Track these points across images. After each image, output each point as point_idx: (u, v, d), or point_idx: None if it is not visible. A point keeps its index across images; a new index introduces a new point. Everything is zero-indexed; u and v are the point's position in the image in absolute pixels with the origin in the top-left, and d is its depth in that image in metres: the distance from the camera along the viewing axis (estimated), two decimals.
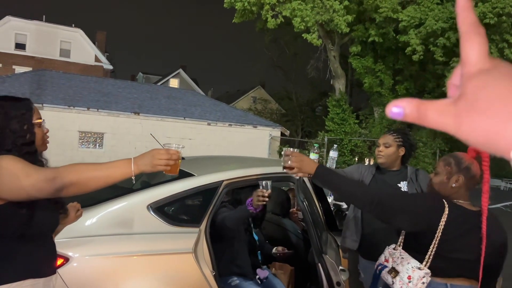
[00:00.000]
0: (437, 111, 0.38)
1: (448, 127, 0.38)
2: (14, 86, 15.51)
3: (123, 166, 1.44)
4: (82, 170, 1.40)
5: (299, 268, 3.25)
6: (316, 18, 17.46)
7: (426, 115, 0.38)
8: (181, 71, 36.37)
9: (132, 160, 1.45)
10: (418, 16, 17.18)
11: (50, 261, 1.59)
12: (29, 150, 1.54)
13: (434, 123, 0.38)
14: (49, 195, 1.38)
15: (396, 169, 2.61)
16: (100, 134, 16.05)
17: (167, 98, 18.89)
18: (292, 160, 1.82)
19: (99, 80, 19.44)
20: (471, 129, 0.36)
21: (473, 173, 1.82)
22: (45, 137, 1.64)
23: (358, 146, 19.43)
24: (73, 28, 28.81)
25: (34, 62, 26.49)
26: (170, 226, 2.27)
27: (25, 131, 1.53)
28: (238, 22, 20.03)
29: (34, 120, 1.58)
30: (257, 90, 36.63)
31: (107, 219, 2.16)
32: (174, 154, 1.51)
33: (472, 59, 0.37)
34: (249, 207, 2.42)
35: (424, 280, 1.76)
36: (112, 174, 1.43)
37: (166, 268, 2.19)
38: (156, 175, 3.12)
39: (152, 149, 1.50)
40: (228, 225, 2.47)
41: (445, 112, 0.38)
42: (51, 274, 1.57)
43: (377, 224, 2.38)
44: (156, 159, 1.46)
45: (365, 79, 20.83)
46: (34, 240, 1.50)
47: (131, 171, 1.44)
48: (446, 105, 0.38)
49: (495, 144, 0.35)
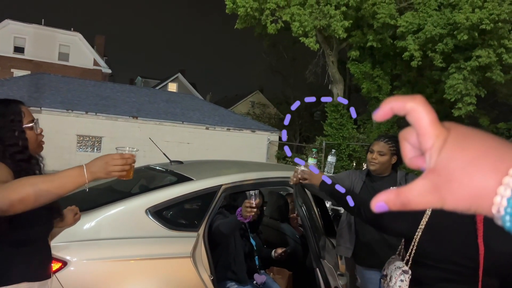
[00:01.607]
0: (418, 195, 0.40)
1: (434, 204, 0.39)
2: (12, 90, 15.49)
3: (75, 174, 1.34)
4: (29, 185, 1.28)
5: (297, 273, 3.24)
6: (314, 23, 17.54)
7: (409, 202, 0.40)
8: (180, 75, 36.40)
9: (85, 167, 1.36)
10: (416, 22, 17.26)
11: (45, 265, 1.58)
12: (23, 157, 1.49)
13: (420, 205, 0.40)
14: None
15: (387, 174, 2.62)
16: (98, 138, 16.03)
17: (166, 102, 18.90)
18: (304, 176, 2.19)
19: (98, 84, 19.44)
20: (455, 200, 0.38)
21: None
22: (39, 138, 1.58)
23: (356, 151, 19.46)
24: (72, 32, 28.85)
25: (33, 66, 26.48)
26: (168, 230, 2.26)
27: (16, 138, 1.48)
28: (240, 28, 20.09)
29: (25, 124, 1.53)
30: (256, 94, 36.68)
31: (106, 223, 2.16)
32: (129, 159, 1.42)
33: (426, 128, 0.39)
34: (238, 217, 2.42)
35: (402, 278, 1.75)
36: (64, 184, 1.32)
37: (164, 273, 2.18)
38: (154, 180, 3.12)
39: (105, 154, 1.41)
40: (223, 232, 2.48)
41: (425, 193, 0.39)
42: (46, 278, 1.57)
43: (371, 230, 2.38)
44: (110, 165, 1.37)
45: (363, 85, 20.89)
46: (28, 245, 1.49)
47: (85, 179, 1.35)
48: (423, 186, 0.39)
49: (480, 206, 0.37)
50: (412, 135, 0.42)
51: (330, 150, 3.96)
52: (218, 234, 2.46)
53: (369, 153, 2.62)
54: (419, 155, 0.42)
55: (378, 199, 0.42)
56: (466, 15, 15.67)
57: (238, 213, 2.42)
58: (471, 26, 15.71)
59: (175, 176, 2.74)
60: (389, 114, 0.43)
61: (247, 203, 2.35)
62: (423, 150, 0.40)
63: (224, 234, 2.48)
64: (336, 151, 19.09)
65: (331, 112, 19.99)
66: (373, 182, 2.63)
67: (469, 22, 15.56)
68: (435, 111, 0.41)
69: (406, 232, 1.80)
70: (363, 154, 19.41)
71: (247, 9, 18.41)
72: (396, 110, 0.42)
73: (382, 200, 0.41)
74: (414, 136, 0.41)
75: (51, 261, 1.64)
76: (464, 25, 15.74)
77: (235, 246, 2.71)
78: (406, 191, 0.40)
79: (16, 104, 1.54)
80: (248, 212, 2.35)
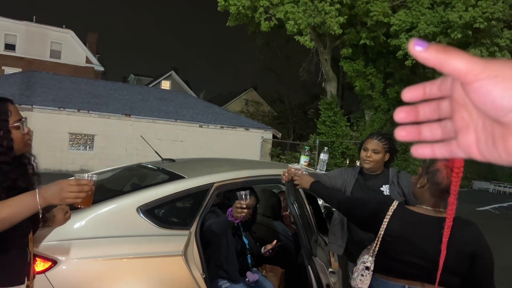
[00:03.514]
0: (464, 61, 0.37)
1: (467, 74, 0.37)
2: (3, 87, 15.32)
3: (27, 200, 1.31)
4: None
5: (289, 270, 3.25)
6: (308, 20, 17.54)
7: (448, 60, 0.38)
8: (173, 73, 36.26)
9: (37, 192, 1.32)
10: (410, 20, 17.34)
11: (19, 271, 1.52)
12: (5, 159, 1.44)
13: (454, 71, 0.38)
14: None
15: (379, 172, 2.62)
16: (91, 136, 15.93)
17: (159, 100, 18.82)
18: (295, 179, 2.38)
19: (90, 82, 19.31)
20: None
21: (437, 180, 1.78)
22: (25, 138, 1.53)
23: (349, 149, 19.53)
24: (64, 29, 28.59)
25: (24, 63, 26.23)
26: (160, 228, 2.25)
27: (0, 138, 1.44)
28: (232, 25, 20.05)
29: (12, 124, 1.48)
30: (249, 92, 36.67)
31: (96, 221, 2.14)
32: (86, 186, 1.37)
33: (464, 67, 0.37)
34: (229, 218, 2.41)
35: (363, 273, 1.79)
36: (16, 212, 1.29)
37: (156, 271, 2.17)
38: (146, 178, 3.11)
39: (60, 180, 1.36)
40: (214, 231, 2.46)
41: (471, 66, 0.37)
42: (19, 283, 1.51)
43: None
44: (65, 192, 1.33)
45: (356, 82, 20.97)
46: (6, 250, 1.45)
47: (37, 205, 1.31)
48: (475, 63, 0.37)
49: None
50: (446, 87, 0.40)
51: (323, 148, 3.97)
52: (209, 233, 2.45)
53: (362, 151, 2.61)
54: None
55: (422, 41, 0.40)
56: (459, 14, 15.77)
57: (229, 213, 2.40)
58: (464, 24, 15.80)
59: (167, 174, 2.73)
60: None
61: (238, 204, 2.34)
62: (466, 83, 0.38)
63: (215, 233, 2.47)
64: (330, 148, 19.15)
65: (325, 110, 20.04)
66: (366, 180, 2.63)
67: (462, 21, 15.66)
68: None
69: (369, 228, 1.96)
70: (356, 152, 19.50)
71: (239, 7, 18.37)
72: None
73: (426, 43, 0.39)
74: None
75: (30, 264, 1.58)
76: (458, 23, 15.84)
77: (227, 245, 2.70)
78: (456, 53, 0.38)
79: (3, 103, 1.50)
80: (238, 213, 2.33)
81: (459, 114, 0.40)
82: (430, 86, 0.42)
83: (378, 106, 21.34)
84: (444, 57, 0.38)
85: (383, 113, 21.29)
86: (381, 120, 21.17)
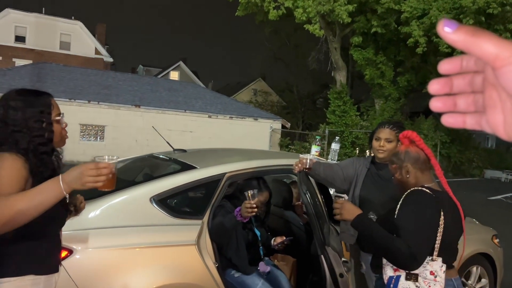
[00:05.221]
0: (494, 43, 0.37)
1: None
2: (14, 79, 15.47)
3: (52, 188, 1.30)
4: (7, 208, 1.24)
5: (301, 260, 3.26)
6: (317, 8, 17.34)
7: (478, 41, 0.38)
8: (182, 64, 36.22)
9: (61, 179, 1.31)
10: (421, 7, 17.02)
11: (53, 259, 1.57)
12: (46, 149, 1.50)
13: (482, 53, 0.38)
14: None
15: None
16: (101, 127, 16.05)
17: (168, 90, 18.86)
18: (335, 207, 2.01)
19: (100, 73, 19.39)
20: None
21: (413, 156, 1.89)
22: (63, 132, 1.62)
23: (359, 138, 19.42)
24: (73, 20, 28.66)
25: (34, 55, 26.41)
26: (173, 218, 2.27)
27: (43, 129, 1.50)
28: (241, 15, 19.92)
29: (53, 117, 1.55)
30: (258, 82, 36.50)
31: (110, 211, 2.17)
32: (105, 169, 1.35)
33: (493, 51, 0.37)
34: (238, 218, 2.40)
35: (444, 269, 1.78)
36: (43, 201, 1.28)
37: (169, 260, 2.20)
38: (158, 168, 3.12)
39: (82, 164, 1.35)
40: (223, 229, 2.45)
41: (500, 48, 0.37)
42: (53, 272, 1.56)
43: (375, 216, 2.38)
44: (85, 176, 1.31)
45: (366, 71, 20.74)
46: (39, 239, 1.49)
47: (62, 192, 1.30)
48: (504, 46, 0.37)
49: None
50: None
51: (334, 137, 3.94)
52: (217, 231, 2.44)
53: (374, 141, 2.58)
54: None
55: (452, 22, 0.39)
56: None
57: (237, 213, 2.40)
58: (477, 10, 15.47)
59: (179, 164, 2.74)
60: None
61: (247, 204, 2.33)
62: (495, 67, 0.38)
63: (224, 231, 2.46)
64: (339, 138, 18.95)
65: (334, 99, 19.89)
66: (378, 169, 2.61)
67: (476, 6, 15.32)
68: None
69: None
70: (366, 141, 19.38)
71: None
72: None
73: (456, 24, 0.39)
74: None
75: (60, 255, 1.64)
76: (471, 9, 15.50)
77: (237, 239, 2.69)
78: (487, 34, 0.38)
79: (46, 96, 1.56)
80: (248, 213, 2.33)
81: (488, 92, 0.40)
82: (467, 59, 0.42)
83: (388, 95, 21.11)
84: (473, 40, 0.38)
85: (394, 102, 21.07)
86: (391, 109, 20.95)
